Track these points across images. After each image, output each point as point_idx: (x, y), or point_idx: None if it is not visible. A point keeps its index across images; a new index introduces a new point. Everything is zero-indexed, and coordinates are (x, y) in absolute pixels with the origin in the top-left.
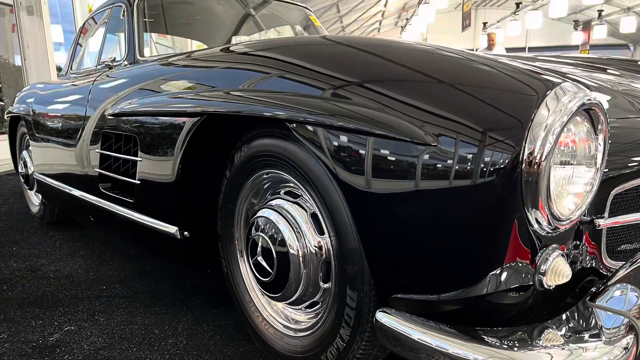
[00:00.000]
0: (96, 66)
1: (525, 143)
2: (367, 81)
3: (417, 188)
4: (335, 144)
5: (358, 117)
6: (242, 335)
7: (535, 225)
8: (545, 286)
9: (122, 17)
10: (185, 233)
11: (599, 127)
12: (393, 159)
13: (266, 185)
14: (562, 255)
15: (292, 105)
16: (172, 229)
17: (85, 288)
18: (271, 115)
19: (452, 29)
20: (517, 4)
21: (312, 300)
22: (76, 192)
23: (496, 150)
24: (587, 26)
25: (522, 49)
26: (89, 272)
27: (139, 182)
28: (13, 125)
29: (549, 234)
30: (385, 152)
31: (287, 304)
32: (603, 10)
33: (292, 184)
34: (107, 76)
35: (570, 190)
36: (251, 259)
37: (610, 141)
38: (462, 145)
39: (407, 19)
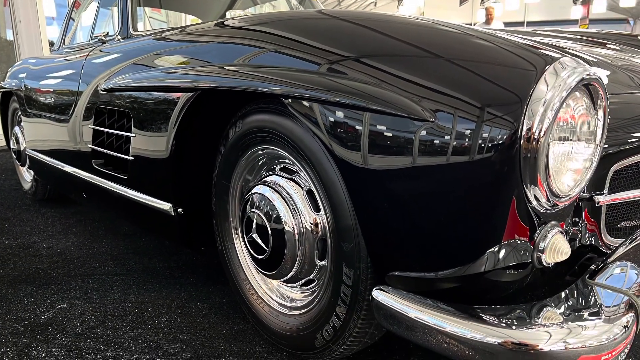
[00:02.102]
0: (89, 41)
1: (524, 119)
2: (363, 56)
3: (414, 164)
4: (332, 119)
5: (354, 92)
6: (236, 314)
7: (534, 202)
8: (544, 264)
9: None
10: (179, 210)
11: (599, 102)
12: (390, 134)
13: (261, 162)
14: (561, 233)
15: (287, 81)
16: (165, 206)
17: (78, 265)
18: (266, 91)
19: (449, 3)
20: None
21: (308, 278)
22: (69, 169)
23: (494, 126)
24: (586, 0)
25: (521, 24)
26: (81, 249)
27: (132, 158)
28: (5, 101)
29: (548, 211)
30: (381, 127)
31: (283, 281)
32: None
33: (287, 160)
34: (100, 51)
35: (569, 166)
36: (246, 236)
37: (609, 117)
38: (459, 121)
39: None
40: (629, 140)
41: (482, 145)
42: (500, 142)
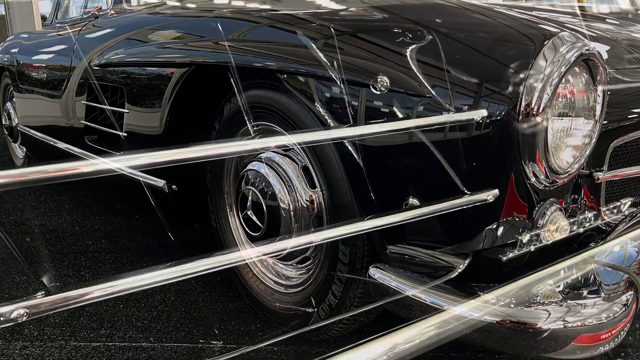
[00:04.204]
0: (82, 15)
1: (523, 95)
2: (359, 31)
3: (412, 140)
4: (327, 95)
5: (350, 67)
6: (231, 292)
7: (533, 179)
8: (543, 241)
9: None
10: (174, 187)
11: (598, 78)
12: (387, 110)
13: (256, 138)
14: (560, 210)
15: (283, 56)
16: (159, 183)
17: (70, 243)
18: (261, 66)
19: None
20: None
21: (304, 255)
22: (61, 145)
23: (492, 101)
24: None
25: None
26: (74, 226)
27: (125, 134)
28: None
29: (547, 188)
30: (378, 103)
31: (278, 259)
32: None
33: None
34: (93, 26)
35: (568, 142)
36: (241, 214)
37: (609, 92)
38: (457, 96)
39: None
40: (629, 116)
41: (480, 121)
42: (499, 118)
